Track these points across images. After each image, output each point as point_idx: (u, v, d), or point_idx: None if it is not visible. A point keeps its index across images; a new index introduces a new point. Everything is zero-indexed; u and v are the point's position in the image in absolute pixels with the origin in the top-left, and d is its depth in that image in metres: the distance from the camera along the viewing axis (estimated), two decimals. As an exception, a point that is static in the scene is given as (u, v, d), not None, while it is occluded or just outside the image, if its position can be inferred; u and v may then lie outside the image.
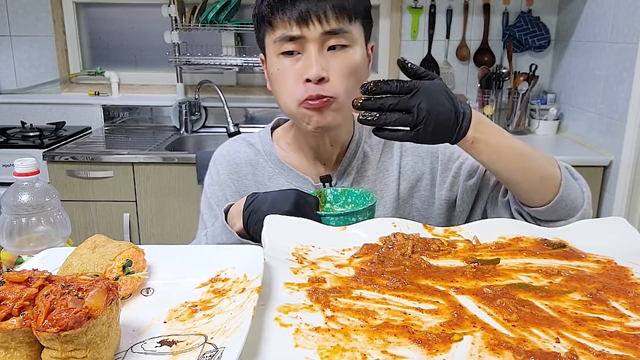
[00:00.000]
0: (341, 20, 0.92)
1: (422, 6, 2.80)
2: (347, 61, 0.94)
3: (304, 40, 0.92)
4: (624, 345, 0.54)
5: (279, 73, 0.96)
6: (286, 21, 0.91)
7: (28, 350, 0.51)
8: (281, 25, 0.92)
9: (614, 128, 2.19)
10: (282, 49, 0.94)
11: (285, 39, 0.92)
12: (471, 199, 1.04)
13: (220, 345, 0.52)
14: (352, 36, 0.94)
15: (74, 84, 2.98)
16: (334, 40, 0.93)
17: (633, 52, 2.05)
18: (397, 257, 0.74)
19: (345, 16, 0.93)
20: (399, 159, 1.08)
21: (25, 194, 0.83)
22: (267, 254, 0.71)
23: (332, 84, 0.93)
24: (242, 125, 2.80)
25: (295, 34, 0.91)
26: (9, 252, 0.84)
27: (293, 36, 0.92)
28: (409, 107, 0.79)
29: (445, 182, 1.06)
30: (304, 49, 0.93)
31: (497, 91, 2.64)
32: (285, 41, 0.93)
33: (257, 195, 0.91)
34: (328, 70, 0.92)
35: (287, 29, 0.92)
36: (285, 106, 0.97)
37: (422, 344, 0.54)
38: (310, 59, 0.91)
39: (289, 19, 0.91)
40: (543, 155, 0.92)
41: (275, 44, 0.94)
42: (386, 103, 0.79)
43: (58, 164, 2.35)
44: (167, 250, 0.73)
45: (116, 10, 2.94)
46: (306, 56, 0.92)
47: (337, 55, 0.93)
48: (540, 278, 0.69)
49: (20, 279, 0.52)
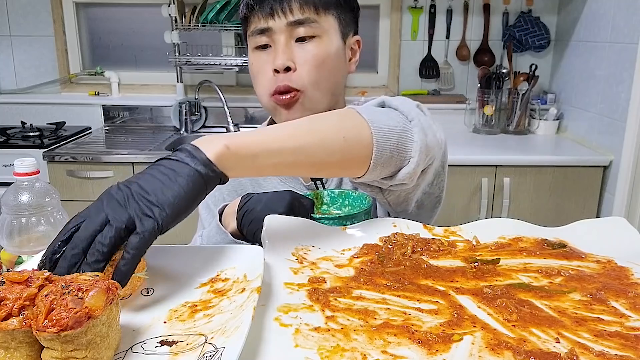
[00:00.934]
0: (306, 11, 0.95)
1: (422, 6, 2.80)
2: (315, 51, 0.95)
3: (272, 32, 0.96)
4: (624, 345, 0.54)
5: (253, 67, 1.00)
6: (257, 15, 0.96)
7: (28, 350, 0.50)
8: (253, 20, 0.97)
9: (614, 128, 2.19)
10: (255, 43, 0.98)
11: (256, 32, 0.97)
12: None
13: (220, 345, 0.52)
14: (320, 27, 0.96)
15: (74, 84, 2.98)
16: (301, 30, 0.95)
17: (633, 52, 2.05)
18: (397, 257, 0.74)
19: (311, 6, 0.95)
20: None
21: (25, 194, 0.83)
22: (267, 254, 0.71)
23: (298, 74, 0.95)
24: (242, 125, 2.80)
25: (263, 26, 0.96)
26: (9, 252, 0.84)
27: (262, 28, 0.96)
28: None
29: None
30: (273, 41, 0.96)
31: (497, 91, 2.64)
32: (257, 34, 0.97)
33: (251, 195, 0.91)
34: (295, 61, 0.95)
35: (257, 22, 0.96)
36: (260, 99, 1.01)
37: (422, 344, 0.54)
38: (277, 49, 0.95)
39: (259, 12, 0.95)
40: (334, 115, 0.78)
41: (250, 39, 0.99)
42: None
43: (58, 164, 2.34)
44: (167, 250, 0.73)
45: (116, 10, 2.94)
46: (274, 48, 0.96)
47: (305, 46, 0.96)
48: (540, 278, 0.69)
49: (20, 279, 0.52)
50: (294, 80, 0.95)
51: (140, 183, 0.61)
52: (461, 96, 2.84)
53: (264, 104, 1.01)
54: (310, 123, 0.75)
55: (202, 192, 0.64)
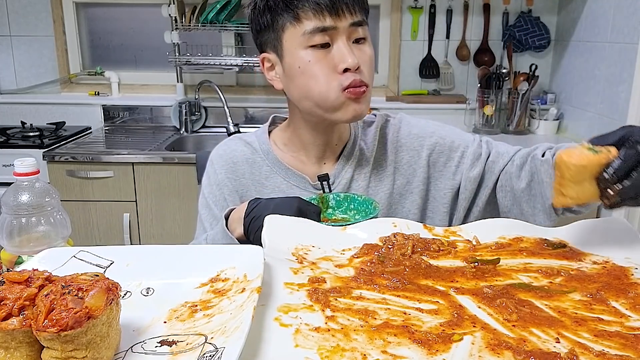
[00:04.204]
0: (362, 12, 0.96)
1: (422, 6, 2.80)
2: (370, 52, 0.98)
3: (335, 32, 0.94)
4: (624, 345, 0.54)
5: (308, 66, 0.95)
6: (319, 12, 0.92)
7: (28, 350, 0.50)
8: (312, 16, 0.93)
9: (614, 128, 2.17)
10: (311, 42, 0.94)
11: (317, 31, 0.93)
12: (474, 188, 1.05)
13: (220, 345, 0.52)
14: (368, 30, 0.99)
15: (74, 84, 2.98)
16: (360, 32, 0.96)
17: (633, 52, 2.05)
18: (397, 257, 0.74)
19: (363, 10, 0.97)
20: (394, 154, 1.09)
21: (25, 194, 0.83)
22: (267, 254, 0.71)
23: (363, 74, 0.96)
24: (242, 125, 2.80)
25: (329, 24, 0.93)
26: (9, 252, 0.84)
27: (326, 27, 0.93)
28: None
29: (449, 172, 1.08)
30: (333, 40, 0.94)
31: (497, 91, 2.64)
32: (317, 33, 0.93)
33: (259, 201, 0.90)
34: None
35: (320, 20, 0.93)
36: (320, 98, 0.96)
37: (422, 344, 0.54)
38: (345, 48, 0.94)
39: (321, 10, 0.92)
40: None
41: (304, 36, 0.94)
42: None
43: (58, 164, 2.34)
44: (167, 250, 0.73)
45: (116, 10, 2.94)
46: (337, 47, 0.94)
47: (361, 48, 0.97)
48: (540, 278, 0.69)
49: (20, 279, 0.52)
50: (363, 78, 0.96)
51: None
52: (461, 96, 2.84)
53: (330, 101, 0.95)
54: None
55: None
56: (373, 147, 1.08)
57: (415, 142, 1.09)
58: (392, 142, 1.09)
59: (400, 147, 1.09)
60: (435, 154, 1.08)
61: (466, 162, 1.06)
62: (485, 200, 1.06)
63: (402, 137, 1.10)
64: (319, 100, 0.96)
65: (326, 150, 1.07)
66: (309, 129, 1.05)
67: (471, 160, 1.06)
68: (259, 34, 1.01)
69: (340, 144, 1.08)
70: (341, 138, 1.08)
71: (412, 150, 1.09)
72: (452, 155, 1.08)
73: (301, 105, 1.00)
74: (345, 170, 1.06)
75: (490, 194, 1.05)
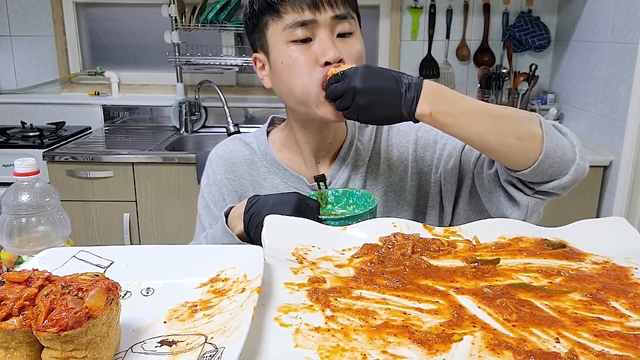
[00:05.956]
0: (346, 6, 0.95)
1: (422, 6, 2.80)
2: (357, 47, 0.96)
3: (316, 25, 0.92)
4: (624, 345, 0.54)
5: (290, 60, 0.94)
6: (297, 6, 0.92)
7: (28, 350, 0.51)
8: (291, 11, 0.92)
9: (614, 128, 2.19)
10: (293, 37, 0.93)
11: (297, 25, 0.92)
12: (454, 180, 1.04)
13: (220, 345, 0.52)
14: (355, 24, 0.97)
15: (74, 84, 2.98)
16: (341, 26, 0.94)
17: (633, 52, 2.05)
18: (397, 257, 0.74)
19: (347, 3, 0.95)
20: (387, 152, 1.09)
21: (25, 194, 0.83)
22: (267, 254, 0.71)
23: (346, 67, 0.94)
24: (242, 125, 2.80)
25: (308, 18, 0.92)
26: (9, 252, 0.84)
27: (305, 21, 0.92)
28: (344, 90, 0.85)
29: (434, 166, 1.07)
30: (314, 34, 0.93)
31: (497, 91, 2.64)
32: (297, 27, 0.92)
33: (258, 198, 0.91)
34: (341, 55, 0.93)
35: (299, 14, 0.92)
36: (302, 92, 0.94)
37: (422, 344, 0.54)
38: (326, 42, 0.92)
39: (300, 3, 0.92)
40: (520, 115, 0.89)
41: (285, 31, 0.93)
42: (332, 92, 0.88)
43: (58, 164, 2.35)
44: (167, 250, 0.73)
45: (116, 10, 2.94)
46: (319, 40, 0.93)
47: (346, 42, 0.95)
48: (540, 278, 0.69)
49: (20, 279, 0.52)
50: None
51: None
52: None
53: (307, 98, 0.95)
54: (496, 113, 0.87)
55: None
56: (369, 147, 1.08)
57: (403, 139, 1.09)
58: (384, 141, 1.09)
59: (391, 145, 1.09)
60: (421, 149, 1.08)
61: (445, 155, 1.05)
62: (469, 193, 1.03)
63: (393, 135, 1.10)
64: (300, 95, 0.95)
65: (321, 150, 1.06)
66: (301, 128, 1.04)
67: (448, 152, 1.04)
68: (251, 36, 1.02)
69: (335, 144, 1.07)
70: (336, 138, 1.07)
71: (401, 147, 1.09)
72: (435, 149, 1.07)
73: (288, 103, 1.00)
74: (342, 171, 1.06)
75: (472, 185, 1.03)
